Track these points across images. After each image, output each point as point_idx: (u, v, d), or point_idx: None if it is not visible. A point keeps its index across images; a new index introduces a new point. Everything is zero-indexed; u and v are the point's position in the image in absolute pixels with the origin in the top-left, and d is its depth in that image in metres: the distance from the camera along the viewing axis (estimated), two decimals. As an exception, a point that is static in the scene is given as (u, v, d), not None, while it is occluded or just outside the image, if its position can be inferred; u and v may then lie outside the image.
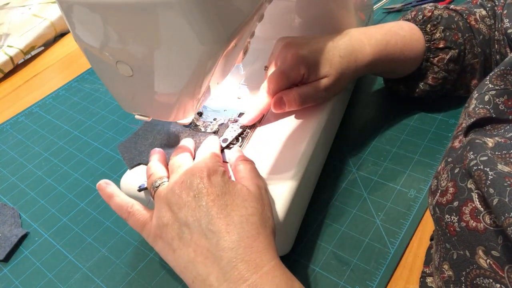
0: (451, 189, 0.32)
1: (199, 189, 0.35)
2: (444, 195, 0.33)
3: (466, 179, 0.31)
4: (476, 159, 0.30)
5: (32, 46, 0.92)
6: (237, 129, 0.48)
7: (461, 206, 0.31)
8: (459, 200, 0.31)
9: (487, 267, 0.28)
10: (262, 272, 0.32)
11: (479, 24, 0.53)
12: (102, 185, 0.41)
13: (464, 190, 0.31)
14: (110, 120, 0.69)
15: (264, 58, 0.61)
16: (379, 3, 0.81)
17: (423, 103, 0.58)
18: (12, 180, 0.62)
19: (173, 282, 0.45)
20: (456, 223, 0.31)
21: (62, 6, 0.32)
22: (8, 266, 0.50)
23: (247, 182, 0.37)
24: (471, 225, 0.29)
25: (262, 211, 0.35)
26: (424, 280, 0.40)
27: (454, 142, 0.37)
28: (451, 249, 0.32)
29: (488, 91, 0.37)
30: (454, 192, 0.32)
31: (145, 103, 0.39)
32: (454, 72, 0.53)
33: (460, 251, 0.30)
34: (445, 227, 0.32)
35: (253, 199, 0.35)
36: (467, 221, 0.30)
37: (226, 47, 0.33)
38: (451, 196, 0.32)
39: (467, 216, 0.30)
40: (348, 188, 0.51)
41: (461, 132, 0.37)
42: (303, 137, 0.47)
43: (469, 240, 0.30)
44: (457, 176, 0.32)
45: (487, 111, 0.36)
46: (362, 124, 0.59)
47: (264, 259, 0.32)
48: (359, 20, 0.59)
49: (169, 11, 0.29)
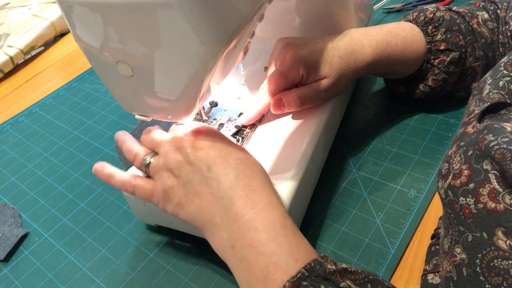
0: (465, 171, 0.32)
1: (191, 146, 0.38)
2: (458, 177, 0.32)
3: (481, 160, 0.31)
4: (497, 140, 0.30)
5: (32, 46, 0.91)
6: (232, 129, 0.48)
7: (478, 188, 0.30)
8: (475, 182, 0.31)
9: (507, 248, 0.28)
10: (258, 208, 0.34)
11: (481, 27, 0.53)
12: (98, 168, 0.43)
13: (480, 172, 0.31)
14: (110, 120, 0.69)
15: (264, 58, 0.61)
16: (379, 3, 0.81)
17: (423, 103, 0.58)
18: (12, 180, 0.62)
19: (173, 282, 0.45)
20: (473, 205, 0.30)
21: (62, 6, 0.32)
22: (8, 266, 0.50)
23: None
24: (490, 206, 0.29)
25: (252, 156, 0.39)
26: (425, 277, 0.40)
27: (466, 128, 0.36)
28: (465, 231, 0.31)
29: (502, 77, 0.36)
30: (469, 174, 0.31)
31: (145, 103, 0.39)
32: (454, 74, 0.53)
33: (477, 233, 0.30)
34: (459, 209, 0.32)
35: (240, 148, 0.39)
36: (485, 203, 0.29)
37: (226, 47, 0.33)
38: (466, 178, 0.32)
39: (485, 197, 0.30)
40: (348, 188, 0.51)
41: (473, 118, 0.36)
42: (303, 137, 0.47)
43: (487, 222, 0.29)
44: (471, 158, 0.32)
45: (501, 96, 0.35)
46: (362, 124, 0.59)
47: (260, 195, 0.35)
48: (359, 20, 0.59)
49: (169, 11, 0.29)
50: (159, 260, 0.48)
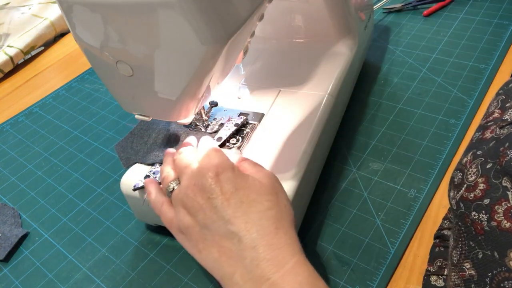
0: (481, 185, 0.30)
1: (212, 189, 0.35)
2: (472, 190, 0.31)
3: (501, 176, 0.29)
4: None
5: (32, 46, 0.91)
6: (231, 128, 0.48)
7: (493, 205, 0.29)
8: (491, 197, 0.29)
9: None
10: (284, 270, 0.32)
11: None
12: (147, 182, 0.42)
13: (498, 188, 0.29)
14: (110, 120, 0.69)
15: (264, 58, 0.61)
16: (379, 3, 0.81)
17: (423, 103, 0.58)
18: (12, 180, 0.62)
19: (174, 282, 0.45)
20: (485, 222, 0.29)
21: (62, 6, 0.32)
22: (8, 266, 0.50)
23: (256, 175, 0.37)
24: (504, 226, 0.28)
25: (277, 202, 0.35)
26: (428, 278, 0.39)
27: (484, 133, 0.34)
28: (476, 247, 0.30)
29: None
30: (485, 189, 0.30)
31: (145, 103, 0.39)
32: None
33: (487, 251, 0.29)
34: (471, 224, 0.30)
35: (266, 191, 0.35)
36: (499, 221, 0.28)
37: (226, 47, 0.33)
38: (481, 193, 0.30)
39: (500, 215, 0.28)
40: (348, 188, 0.51)
41: (493, 123, 0.34)
42: (303, 137, 0.47)
43: (499, 241, 0.28)
44: (490, 172, 0.30)
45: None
46: (362, 124, 0.59)
47: (286, 255, 0.32)
48: (359, 20, 0.59)
49: (169, 11, 0.29)
50: (159, 260, 0.48)
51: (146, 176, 0.45)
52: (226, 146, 0.47)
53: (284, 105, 0.52)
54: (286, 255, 0.32)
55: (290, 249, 0.33)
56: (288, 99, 0.53)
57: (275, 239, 0.33)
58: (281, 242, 0.33)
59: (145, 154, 0.47)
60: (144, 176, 0.45)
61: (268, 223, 0.33)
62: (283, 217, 0.35)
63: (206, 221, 0.34)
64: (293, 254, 0.33)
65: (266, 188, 0.36)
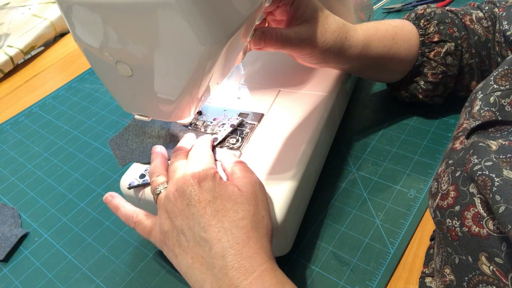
0: (452, 193, 0.32)
1: (191, 196, 0.36)
2: (445, 198, 0.32)
3: (468, 183, 0.31)
4: (481, 164, 0.30)
5: (32, 46, 0.92)
6: (227, 128, 0.48)
7: (463, 211, 0.30)
8: (461, 204, 0.31)
9: (490, 274, 0.28)
10: (252, 278, 0.32)
11: (475, 24, 0.52)
12: (108, 198, 0.43)
13: (466, 195, 0.30)
14: (110, 120, 0.69)
15: (264, 58, 0.61)
16: (379, 3, 0.81)
17: (423, 103, 0.58)
18: (12, 180, 0.62)
19: (173, 282, 0.45)
20: (458, 228, 0.30)
21: (62, 6, 0.32)
22: (8, 266, 0.50)
23: (240, 181, 0.38)
24: (474, 231, 0.29)
25: (254, 213, 0.36)
26: (423, 280, 0.40)
27: (455, 143, 0.36)
28: (453, 253, 0.31)
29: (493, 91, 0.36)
30: (455, 196, 0.31)
31: (145, 103, 0.39)
32: (453, 67, 0.52)
33: (463, 256, 0.30)
34: (447, 231, 0.32)
35: (244, 201, 0.36)
36: (469, 226, 0.29)
37: (225, 48, 0.33)
38: (453, 200, 0.32)
39: (469, 221, 0.29)
40: (348, 188, 0.51)
41: (462, 133, 0.36)
42: (303, 137, 0.47)
43: (471, 246, 0.29)
44: (459, 179, 0.32)
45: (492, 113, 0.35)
46: (362, 124, 0.59)
47: (254, 264, 0.33)
48: (359, 19, 0.59)
49: (169, 11, 0.29)
50: (159, 260, 0.48)
51: (141, 175, 0.45)
52: (226, 146, 0.47)
53: (284, 105, 0.52)
54: (255, 263, 0.33)
55: (259, 258, 0.33)
56: (287, 99, 0.53)
57: (246, 248, 0.34)
58: (251, 251, 0.34)
59: (141, 153, 0.47)
60: (140, 175, 0.45)
61: (240, 233, 0.34)
62: (258, 227, 0.35)
63: (183, 227, 0.35)
64: (261, 263, 0.33)
65: (244, 198, 0.36)
